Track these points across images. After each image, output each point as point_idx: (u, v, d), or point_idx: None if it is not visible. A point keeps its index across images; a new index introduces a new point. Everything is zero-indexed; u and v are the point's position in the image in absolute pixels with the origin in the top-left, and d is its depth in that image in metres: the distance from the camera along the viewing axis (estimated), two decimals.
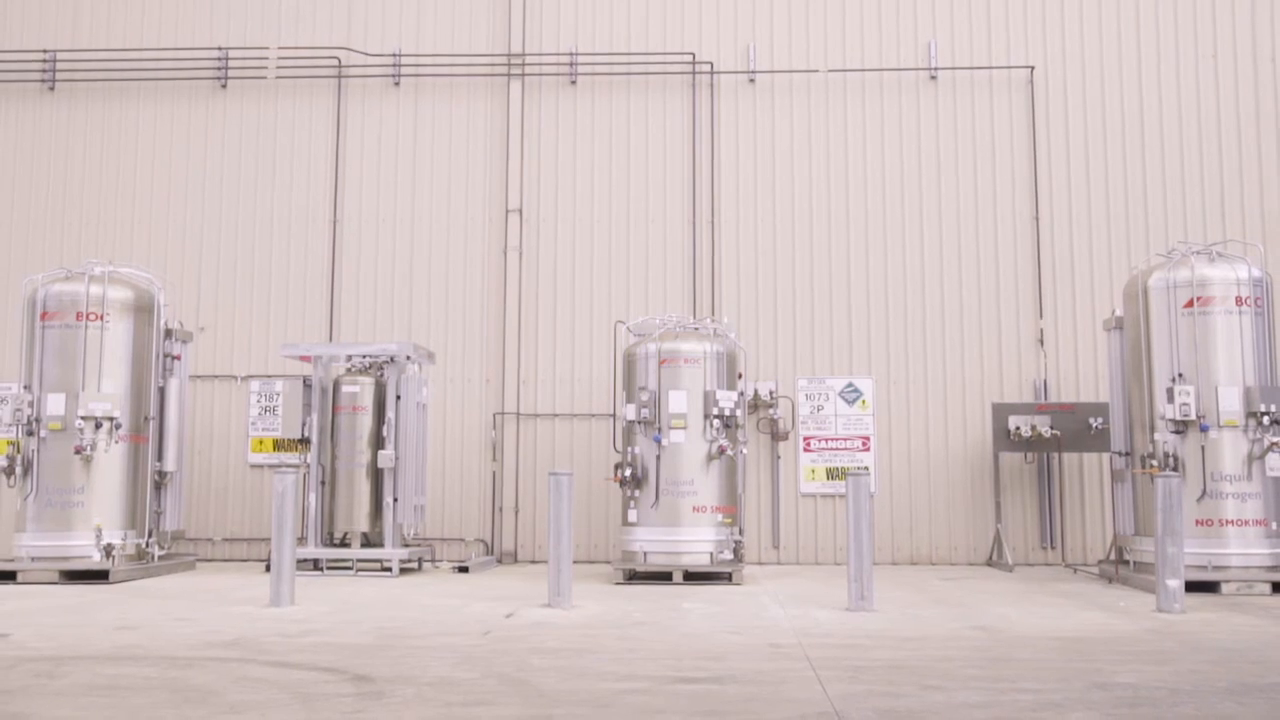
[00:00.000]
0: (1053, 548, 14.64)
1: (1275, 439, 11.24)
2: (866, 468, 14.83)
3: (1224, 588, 10.94)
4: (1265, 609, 9.73)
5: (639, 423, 12.53)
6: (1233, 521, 11.25)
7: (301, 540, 13.36)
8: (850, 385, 15.09)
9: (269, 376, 15.47)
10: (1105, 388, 14.15)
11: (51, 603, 10.09)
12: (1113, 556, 12.64)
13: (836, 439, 15.01)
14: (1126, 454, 12.33)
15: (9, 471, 12.45)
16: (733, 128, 15.66)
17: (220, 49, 16.09)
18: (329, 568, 13.31)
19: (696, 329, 13.04)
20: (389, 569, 13.09)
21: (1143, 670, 6.58)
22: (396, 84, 15.98)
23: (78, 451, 12.35)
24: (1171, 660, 6.95)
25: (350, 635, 7.99)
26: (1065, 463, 14.79)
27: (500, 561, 14.91)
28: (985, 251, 15.26)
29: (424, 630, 8.26)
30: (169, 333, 13.53)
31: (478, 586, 11.72)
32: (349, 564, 13.34)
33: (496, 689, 5.97)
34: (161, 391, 13.33)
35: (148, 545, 12.91)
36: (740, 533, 12.58)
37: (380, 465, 13.41)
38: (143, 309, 13.15)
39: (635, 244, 15.52)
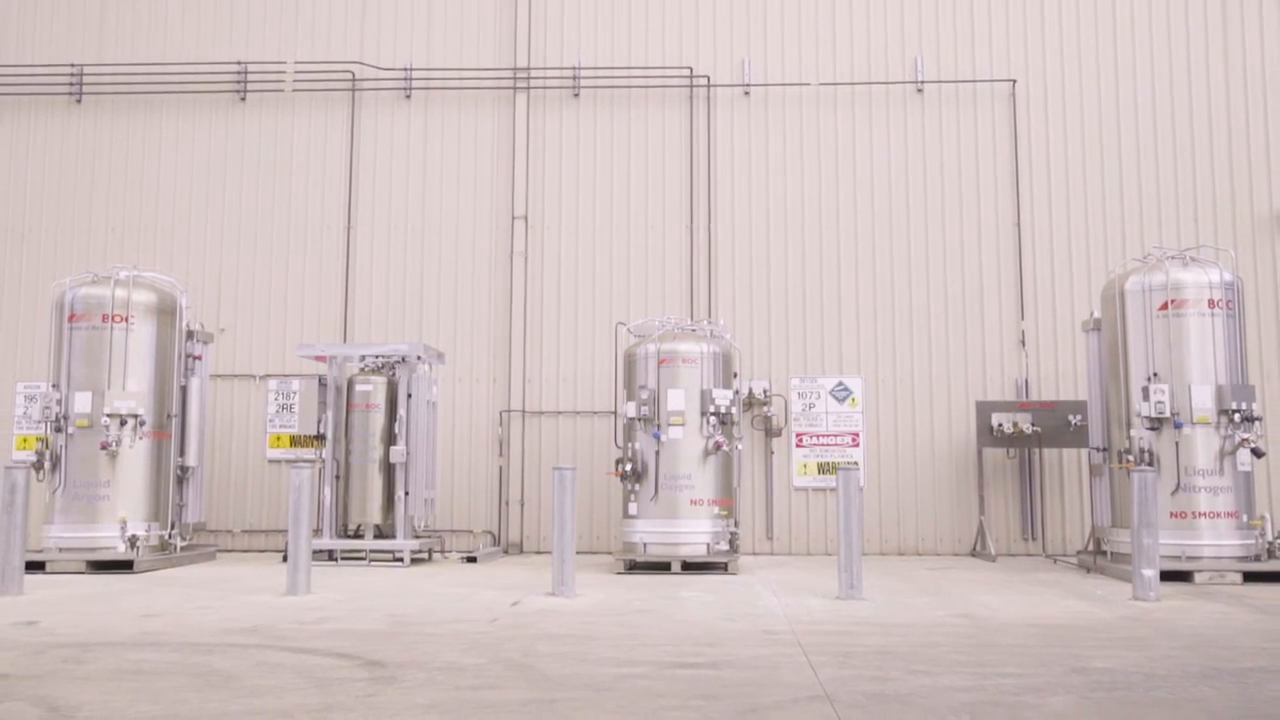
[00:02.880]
0: (1033, 539, 14.64)
1: (1245, 435, 11.24)
2: (856, 463, 14.83)
3: (1197, 577, 10.93)
4: (1236, 597, 9.73)
5: (639, 420, 12.52)
6: (1205, 514, 11.25)
7: (317, 532, 13.37)
8: (841, 384, 15.09)
9: (286, 376, 15.47)
10: (1084, 386, 14.16)
11: (78, 591, 10.10)
12: (1091, 547, 12.65)
13: (827, 435, 15.00)
14: (1104, 449, 12.33)
15: (38, 466, 12.44)
16: (728, 138, 15.66)
17: (239, 63, 16.09)
18: (343, 558, 13.31)
19: (694, 330, 13.03)
20: (400, 559, 13.09)
21: (1119, 656, 6.58)
22: (408, 97, 15.98)
23: (104, 447, 12.35)
24: (1147, 646, 6.95)
25: (364, 622, 7.99)
26: (1045, 458, 14.79)
27: (506, 552, 14.91)
28: (969, 256, 15.26)
29: (434, 618, 8.26)
30: (191, 334, 13.53)
31: (485, 576, 11.71)
32: (362, 555, 13.34)
33: (503, 674, 5.97)
34: (184, 390, 13.34)
35: (170, 537, 12.91)
36: (736, 525, 12.57)
37: (392, 460, 13.41)
38: (166, 311, 13.16)
39: (635, 249, 15.52)
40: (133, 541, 12.25)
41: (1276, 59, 15.39)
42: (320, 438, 13.63)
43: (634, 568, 12.20)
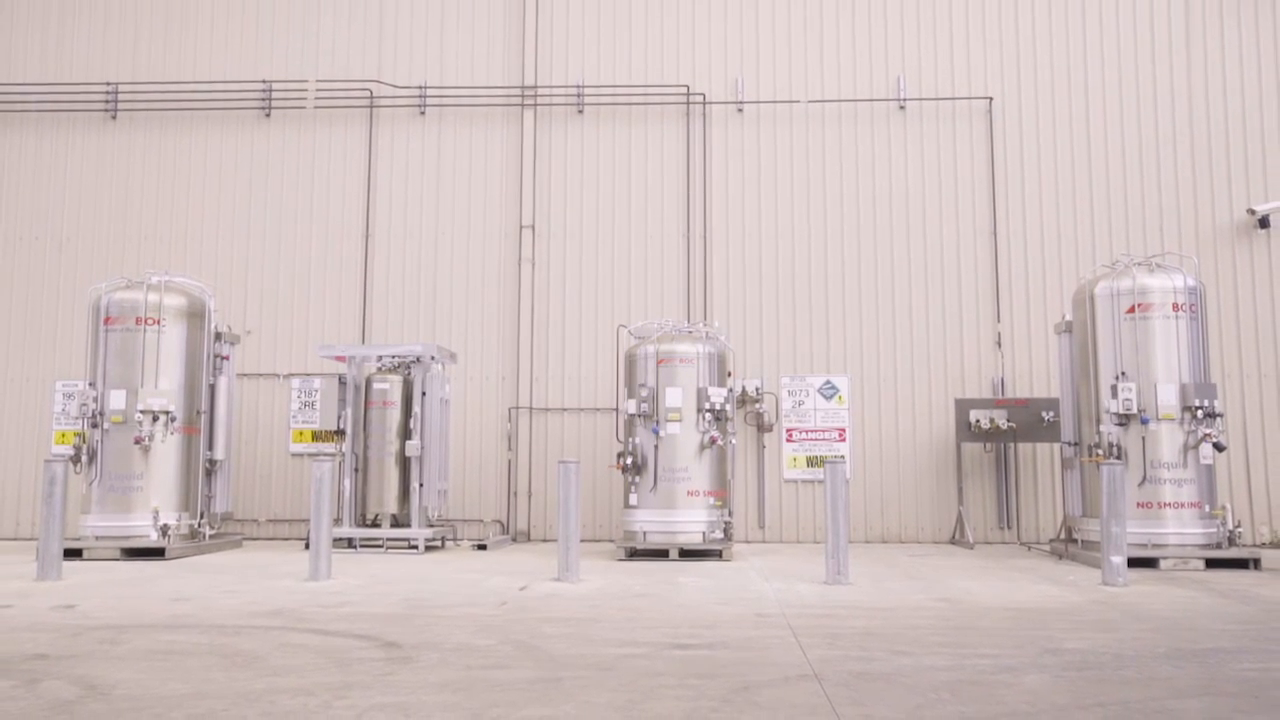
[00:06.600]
0: (1009, 528, 14.64)
1: (1208, 430, 11.24)
2: (842, 456, 14.83)
3: (1162, 564, 10.94)
4: (1199, 583, 9.73)
5: (639, 416, 12.53)
6: (1170, 504, 11.25)
7: (337, 521, 13.37)
8: (828, 382, 15.09)
9: (308, 375, 15.47)
10: (1056, 384, 14.16)
11: (113, 577, 10.10)
12: (1063, 536, 12.65)
13: (816, 430, 15.00)
14: (1075, 444, 12.33)
15: (76, 459, 12.44)
16: (723, 152, 15.66)
17: (264, 81, 16.09)
18: (361, 546, 13.31)
19: (691, 332, 13.03)
20: (415, 547, 13.09)
21: (1090, 637, 6.58)
22: (422, 113, 15.98)
23: (137, 442, 12.35)
24: (1115, 629, 6.95)
25: (381, 606, 7.98)
26: (1020, 452, 14.78)
27: (515, 540, 14.91)
28: (949, 262, 15.26)
29: (447, 601, 8.26)
30: (218, 335, 13.53)
31: (494, 562, 11.71)
32: (379, 542, 13.34)
33: (512, 654, 5.97)
34: (212, 388, 13.33)
35: (199, 526, 12.91)
36: (730, 514, 12.57)
37: (407, 454, 13.42)
38: (195, 314, 13.15)
39: (636, 256, 15.52)
40: (164, 530, 12.25)
41: (1237, 76, 15.39)
42: (340, 433, 13.64)
43: (634, 555, 12.20)
